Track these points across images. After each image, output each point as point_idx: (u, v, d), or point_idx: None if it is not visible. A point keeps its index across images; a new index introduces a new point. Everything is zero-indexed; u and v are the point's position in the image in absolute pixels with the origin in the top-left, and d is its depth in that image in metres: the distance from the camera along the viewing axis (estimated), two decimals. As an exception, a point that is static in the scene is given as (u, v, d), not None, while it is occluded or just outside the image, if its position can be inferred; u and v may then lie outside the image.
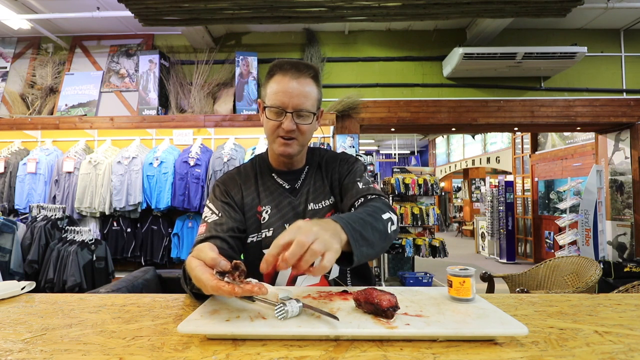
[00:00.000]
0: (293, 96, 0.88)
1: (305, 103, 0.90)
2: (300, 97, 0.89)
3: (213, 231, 0.89)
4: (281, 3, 2.92)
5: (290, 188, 1.01)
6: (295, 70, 0.90)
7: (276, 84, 0.90)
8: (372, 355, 0.47)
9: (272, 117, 0.91)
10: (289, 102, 0.89)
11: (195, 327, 0.53)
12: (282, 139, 0.92)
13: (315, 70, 0.94)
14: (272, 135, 0.94)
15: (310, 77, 0.92)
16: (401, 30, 4.05)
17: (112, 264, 3.00)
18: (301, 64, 0.92)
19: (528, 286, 2.59)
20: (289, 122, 0.89)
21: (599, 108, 3.90)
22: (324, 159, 1.06)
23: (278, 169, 1.03)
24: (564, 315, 0.64)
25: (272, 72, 0.93)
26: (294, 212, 0.98)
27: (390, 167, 11.61)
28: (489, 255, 7.12)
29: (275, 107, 0.90)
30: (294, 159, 1.00)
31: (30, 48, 4.22)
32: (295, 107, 0.89)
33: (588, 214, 4.45)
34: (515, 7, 2.95)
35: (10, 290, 0.79)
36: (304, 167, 1.04)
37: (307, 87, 0.90)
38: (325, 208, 0.99)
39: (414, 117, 3.91)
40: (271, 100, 0.91)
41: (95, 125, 3.68)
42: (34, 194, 3.52)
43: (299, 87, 0.89)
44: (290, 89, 0.88)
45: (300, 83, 0.89)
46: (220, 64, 3.98)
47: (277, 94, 0.89)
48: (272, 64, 0.94)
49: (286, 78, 0.89)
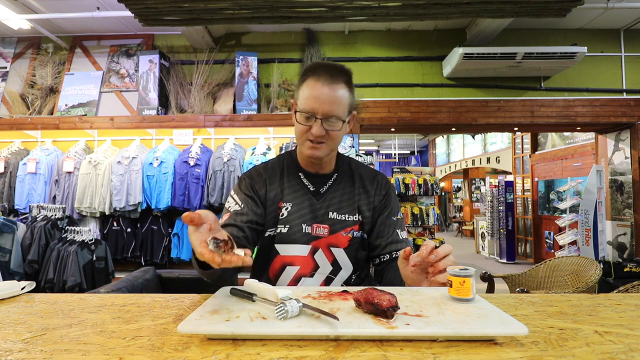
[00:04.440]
0: (324, 103, 0.89)
1: (335, 110, 0.90)
2: (331, 104, 0.89)
3: (233, 220, 0.92)
4: (281, 3, 2.92)
5: (315, 191, 1.01)
6: (329, 75, 0.90)
7: (309, 88, 0.91)
8: (372, 355, 0.47)
9: (302, 121, 0.92)
10: (319, 108, 0.89)
11: (195, 327, 0.53)
12: (311, 142, 0.93)
13: (348, 75, 0.94)
14: (302, 138, 0.95)
15: (343, 83, 0.91)
16: (401, 30, 4.05)
17: (112, 264, 2.99)
18: (334, 68, 0.91)
19: (528, 286, 2.59)
20: (318, 127, 0.90)
21: (599, 108, 3.90)
22: (357, 172, 1.06)
23: (306, 169, 1.03)
24: (564, 315, 0.64)
25: (305, 76, 0.93)
26: (313, 215, 0.99)
27: (390, 167, 11.61)
28: (489, 255, 7.12)
29: (305, 112, 0.91)
30: (322, 162, 1.00)
31: (30, 48, 4.23)
32: (325, 113, 0.89)
33: (588, 214, 4.45)
34: (515, 7, 2.95)
35: (10, 290, 0.79)
36: (332, 172, 1.04)
37: (338, 93, 0.90)
38: (348, 222, 0.99)
39: (414, 117, 3.91)
40: (302, 104, 0.92)
41: (95, 125, 3.68)
42: (34, 194, 3.52)
43: (331, 93, 0.89)
44: (322, 95, 0.89)
45: (332, 89, 0.89)
46: (220, 64, 3.98)
47: (309, 99, 0.90)
48: (307, 67, 0.95)
49: (319, 83, 0.89)
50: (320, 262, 0.97)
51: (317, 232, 0.98)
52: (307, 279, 0.97)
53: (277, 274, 0.98)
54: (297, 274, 0.96)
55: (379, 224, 1.02)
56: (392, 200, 1.05)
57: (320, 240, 0.98)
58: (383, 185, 1.06)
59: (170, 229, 3.59)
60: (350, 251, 0.99)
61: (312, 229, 0.98)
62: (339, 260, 0.99)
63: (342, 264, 0.99)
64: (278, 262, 0.98)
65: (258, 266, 1.02)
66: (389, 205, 1.04)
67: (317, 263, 0.97)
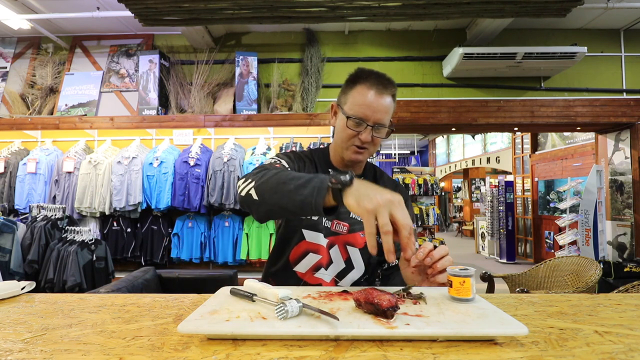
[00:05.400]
0: (376, 111, 0.93)
1: (385, 118, 0.94)
2: (383, 113, 0.94)
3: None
4: (281, 3, 2.92)
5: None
6: (381, 85, 0.94)
7: (361, 96, 0.94)
8: (372, 355, 0.47)
9: (352, 126, 0.95)
10: (372, 116, 0.93)
11: (195, 327, 0.53)
12: (356, 147, 0.97)
13: (395, 86, 0.98)
14: (347, 142, 0.98)
15: (391, 93, 0.96)
16: (401, 30, 4.05)
17: (112, 264, 3.00)
18: (385, 79, 0.95)
19: (528, 286, 2.59)
20: (367, 134, 0.94)
21: (599, 108, 3.90)
22: (381, 180, 1.12)
23: (337, 167, 1.07)
24: (564, 315, 0.64)
25: (356, 81, 0.96)
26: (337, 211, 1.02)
27: (390, 167, 11.61)
28: (489, 255, 7.12)
29: (357, 119, 0.94)
30: (356, 165, 1.05)
31: (30, 48, 4.23)
32: (376, 121, 0.94)
33: (588, 214, 4.45)
34: (515, 7, 2.95)
35: (10, 290, 0.79)
36: (359, 175, 1.07)
37: (388, 102, 0.94)
38: None
39: (414, 117, 3.91)
40: (353, 110, 0.94)
41: (95, 125, 3.68)
42: (34, 194, 3.52)
43: (382, 102, 0.93)
44: (375, 104, 0.93)
45: (383, 99, 0.93)
46: (220, 64, 3.98)
47: (361, 106, 0.93)
48: (356, 72, 0.98)
49: (371, 92, 0.93)
50: (334, 258, 1.00)
51: (336, 228, 1.01)
52: (324, 270, 0.99)
53: (298, 258, 1.00)
54: (318, 262, 0.99)
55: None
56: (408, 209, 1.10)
57: (338, 236, 1.01)
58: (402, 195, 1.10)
59: (170, 229, 3.59)
60: (365, 253, 1.02)
61: (332, 224, 1.01)
62: (352, 260, 1.01)
63: (356, 263, 1.02)
64: (302, 247, 1.01)
65: (280, 245, 1.05)
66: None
67: (331, 258, 1.00)
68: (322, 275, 0.99)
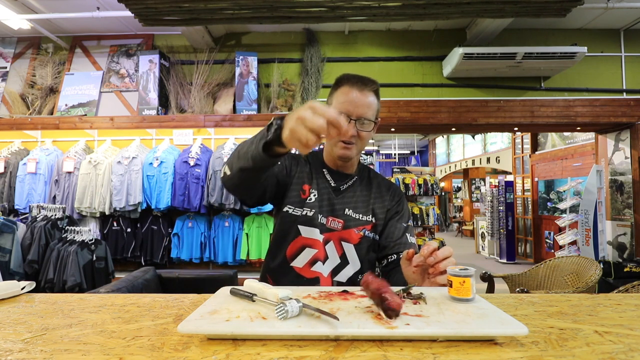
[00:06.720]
0: (358, 106, 0.99)
1: (367, 112, 1.01)
2: (364, 107, 1.00)
3: None
4: (281, 3, 2.92)
5: (336, 187, 1.10)
6: (361, 83, 1.01)
7: (343, 94, 1.01)
8: (372, 355, 0.47)
9: None
10: (354, 111, 0.99)
11: (195, 327, 0.53)
12: (343, 142, 1.02)
13: (377, 85, 1.06)
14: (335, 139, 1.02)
15: (372, 91, 1.03)
16: (401, 30, 4.05)
17: (112, 264, 3.00)
18: (366, 79, 1.03)
19: (528, 286, 2.59)
20: (352, 128, 1.00)
21: (599, 108, 3.90)
22: (375, 180, 1.16)
23: (330, 167, 1.12)
24: (564, 315, 0.64)
25: (340, 84, 1.03)
26: (331, 209, 1.06)
27: (390, 167, 11.62)
28: (489, 255, 7.12)
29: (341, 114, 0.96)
30: (347, 163, 1.09)
31: (30, 48, 4.23)
32: (358, 115, 1.00)
33: (588, 214, 4.45)
34: (515, 7, 2.95)
35: (10, 290, 0.79)
36: (353, 175, 1.13)
37: (369, 99, 1.01)
38: (362, 221, 1.07)
39: (414, 117, 3.91)
40: (337, 107, 1.00)
41: (95, 125, 3.68)
42: (34, 194, 3.52)
43: (364, 98, 1.00)
44: (357, 100, 0.99)
45: (364, 95, 1.01)
46: (220, 64, 3.98)
47: (344, 103, 1.00)
48: (340, 77, 1.05)
49: (353, 89, 1.00)
50: (330, 254, 1.03)
51: (332, 225, 1.05)
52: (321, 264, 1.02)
53: (295, 253, 1.03)
54: (315, 256, 1.02)
55: (390, 225, 1.09)
56: (404, 208, 1.14)
57: (333, 233, 1.05)
58: (397, 194, 1.16)
59: (170, 229, 3.59)
60: (360, 249, 1.05)
61: (327, 221, 1.05)
62: (347, 256, 1.05)
63: (350, 259, 1.04)
64: (299, 242, 1.04)
65: (277, 242, 1.07)
66: (401, 212, 1.12)
67: (327, 253, 1.03)
68: (319, 268, 1.01)
